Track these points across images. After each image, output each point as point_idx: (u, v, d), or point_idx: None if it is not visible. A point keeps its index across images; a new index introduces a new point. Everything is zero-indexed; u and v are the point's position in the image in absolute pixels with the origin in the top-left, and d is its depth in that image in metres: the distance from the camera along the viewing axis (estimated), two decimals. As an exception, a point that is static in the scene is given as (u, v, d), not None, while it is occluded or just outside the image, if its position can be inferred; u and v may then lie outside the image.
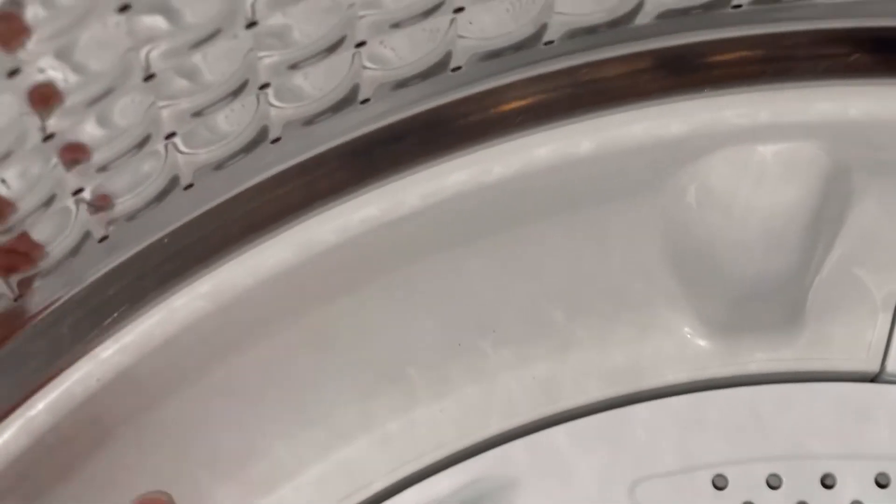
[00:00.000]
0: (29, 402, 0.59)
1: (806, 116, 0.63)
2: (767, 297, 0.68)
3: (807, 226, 0.65)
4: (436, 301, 0.66)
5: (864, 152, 0.64)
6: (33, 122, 0.48)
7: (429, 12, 0.56)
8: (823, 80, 0.62)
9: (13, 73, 0.44)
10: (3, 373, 0.59)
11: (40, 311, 0.59)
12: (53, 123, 0.48)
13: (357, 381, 0.67)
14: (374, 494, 0.68)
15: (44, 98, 0.47)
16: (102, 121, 0.51)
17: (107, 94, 0.49)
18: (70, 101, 0.48)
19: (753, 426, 0.68)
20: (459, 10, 0.56)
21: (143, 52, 0.48)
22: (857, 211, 0.67)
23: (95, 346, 0.59)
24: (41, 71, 0.46)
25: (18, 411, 0.59)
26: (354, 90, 0.58)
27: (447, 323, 0.67)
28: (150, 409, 0.63)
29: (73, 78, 0.48)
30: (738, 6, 0.60)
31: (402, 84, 0.59)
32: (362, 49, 0.56)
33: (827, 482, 0.68)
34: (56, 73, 0.47)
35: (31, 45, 0.45)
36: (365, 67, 0.57)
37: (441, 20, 0.56)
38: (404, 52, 0.58)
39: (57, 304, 0.59)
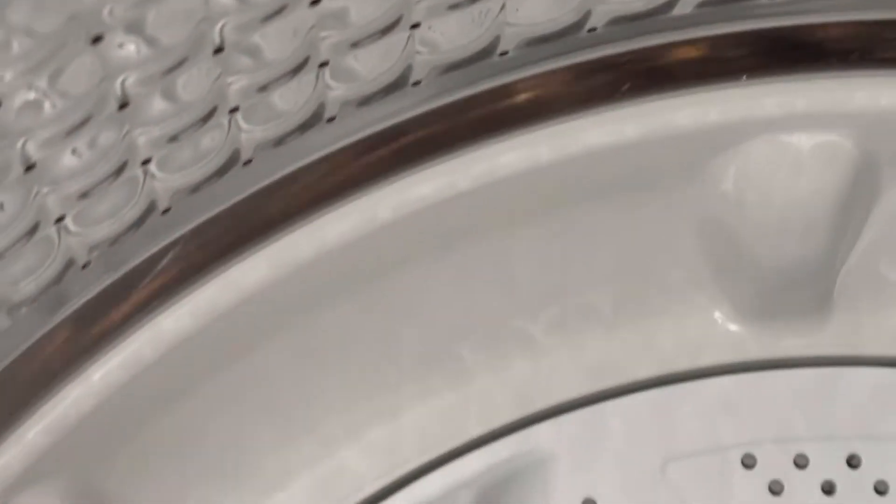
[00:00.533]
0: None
1: (840, 106, 0.65)
2: (799, 283, 0.70)
3: (837, 214, 0.67)
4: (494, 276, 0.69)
5: (888, 143, 0.67)
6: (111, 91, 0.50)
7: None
8: (857, 70, 0.65)
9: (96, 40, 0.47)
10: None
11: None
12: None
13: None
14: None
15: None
16: (169, 95, 0.54)
17: (178, 65, 0.51)
18: (144, 71, 0.51)
19: (783, 408, 0.70)
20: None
21: (216, 26, 0.50)
22: (886, 200, 0.69)
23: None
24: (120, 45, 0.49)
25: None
26: (406, 73, 0.61)
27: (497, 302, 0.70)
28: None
29: (145, 50, 0.50)
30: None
31: (451, 67, 0.61)
32: (415, 31, 0.58)
33: (853, 462, 0.70)
34: (131, 45, 0.50)
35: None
36: (417, 52, 0.60)
37: (489, 4, 0.59)
38: (453, 35, 0.60)
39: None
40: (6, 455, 0.61)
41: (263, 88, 0.55)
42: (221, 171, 0.60)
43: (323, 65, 0.58)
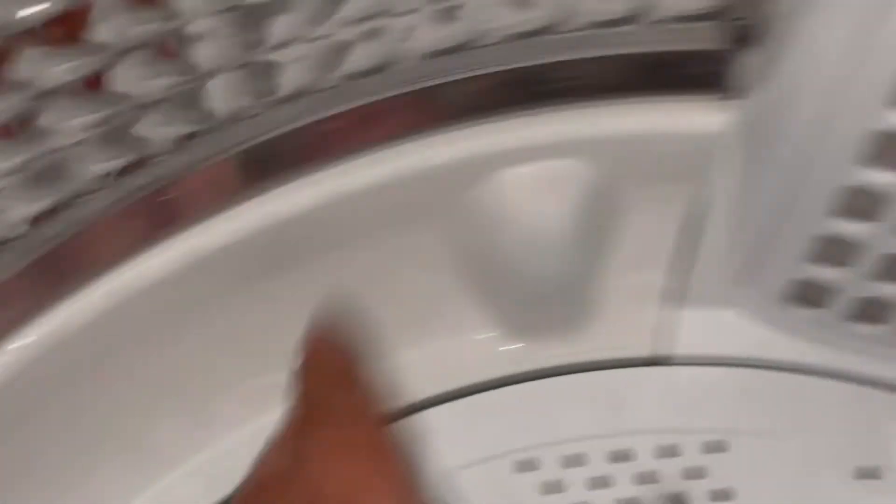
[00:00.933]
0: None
1: (580, 134, 0.72)
2: (555, 298, 0.77)
3: (584, 232, 0.74)
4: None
5: (625, 165, 0.73)
6: None
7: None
8: (594, 101, 0.71)
9: None
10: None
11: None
12: None
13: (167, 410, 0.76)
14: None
15: None
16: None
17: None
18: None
19: (550, 414, 0.77)
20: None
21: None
22: (628, 216, 0.76)
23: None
24: None
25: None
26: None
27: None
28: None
29: None
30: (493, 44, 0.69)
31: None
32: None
33: (620, 457, 0.77)
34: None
35: None
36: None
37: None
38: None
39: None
40: None
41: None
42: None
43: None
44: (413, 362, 0.76)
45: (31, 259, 0.67)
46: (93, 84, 0.63)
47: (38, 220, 0.66)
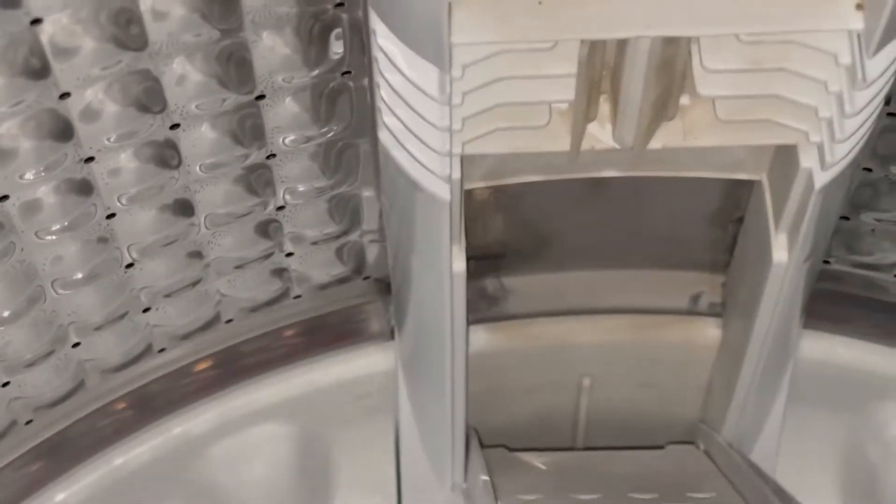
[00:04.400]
0: None
1: (281, 396, 0.86)
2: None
3: (298, 484, 0.88)
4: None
5: (323, 416, 0.87)
6: None
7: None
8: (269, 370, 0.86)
9: None
10: None
11: None
12: None
13: None
14: None
15: None
16: None
17: None
18: None
19: None
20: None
21: None
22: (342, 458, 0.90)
23: None
24: None
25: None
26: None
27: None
28: None
29: None
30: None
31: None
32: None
33: None
34: None
35: None
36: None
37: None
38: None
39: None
40: None
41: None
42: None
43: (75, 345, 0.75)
44: None
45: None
46: None
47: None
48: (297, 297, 0.84)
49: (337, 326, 0.86)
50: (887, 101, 0.69)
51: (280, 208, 0.76)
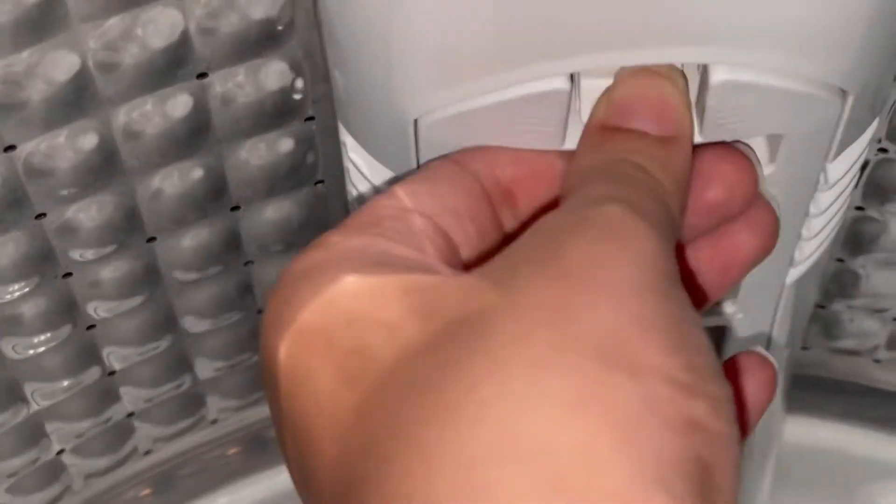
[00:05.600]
0: None
1: None
2: None
3: None
4: None
5: None
6: None
7: None
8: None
9: None
10: None
11: None
12: None
13: None
14: None
15: None
16: None
17: None
18: None
19: None
20: None
21: None
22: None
23: None
24: None
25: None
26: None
27: None
28: None
29: None
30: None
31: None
32: None
33: None
34: None
35: None
36: None
37: None
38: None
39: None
40: None
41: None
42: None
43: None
44: None
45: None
46: None
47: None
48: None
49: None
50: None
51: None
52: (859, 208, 0.75)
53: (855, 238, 0.77)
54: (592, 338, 0.39)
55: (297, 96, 0.64)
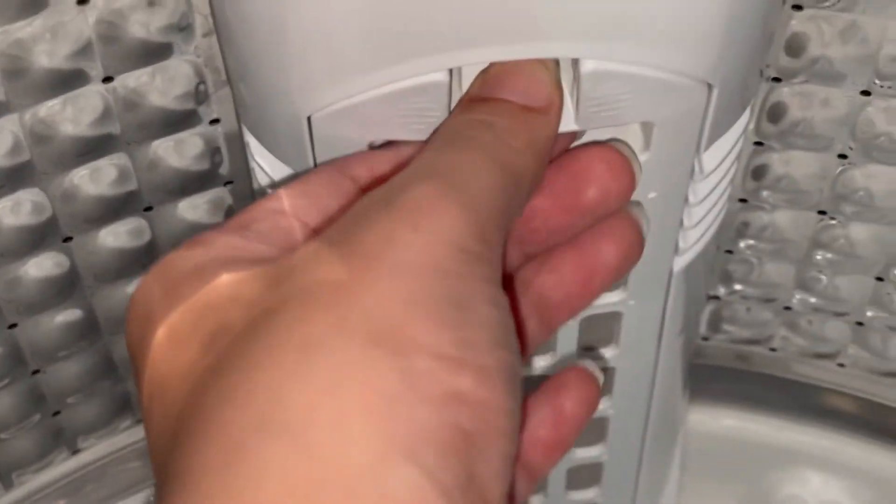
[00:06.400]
0: None
1: None
2: None
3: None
4: None
5: None
6: None
7: None
8: None
9: None
10: None
11: None
12: None
13: None
14: None
15: None
16: None
17: None
18: None
19: None
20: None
21: None
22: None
23: None
24: None
25: None
26: None
27: None
28: None
29: None
30: None
31: None
32: None
33: None
34: None
35: None
36: None
37: None
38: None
39: None
40: None
41: None
42: None
43: None
44: None
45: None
46: None
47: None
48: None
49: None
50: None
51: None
52: (743, 200, 0.79)
53: (744, 229, 0.81)
54: (364, 318, 0.42)
55: (199, 99, 0.68)
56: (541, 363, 0.76)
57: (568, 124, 0.61)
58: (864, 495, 0.91)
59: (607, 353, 0.77)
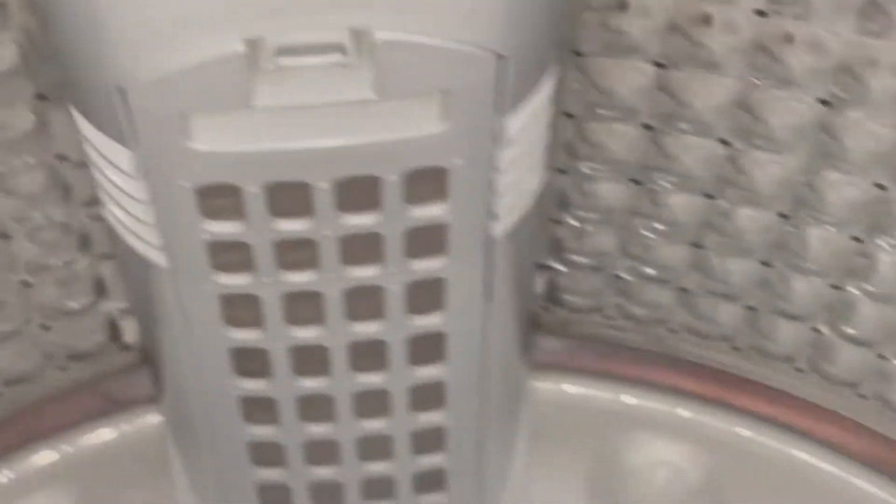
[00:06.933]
0: None
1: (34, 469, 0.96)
2: None
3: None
4: None
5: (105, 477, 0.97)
6: None
7: None
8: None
9: None
10: None
11: None
12: None
13: None
14: None
15: None
16: None
17: None
18: None
19: None
20: None
21: None
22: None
23: None
24: None
25: None
26: None
27: None
28: None
29: None
30: None
31: None
32: None
33: None
34: None
35: None
36: None
37: None
38: None
39: None
40: None
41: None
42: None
43: None
44: None
45: None
46: None
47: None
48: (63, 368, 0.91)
49: (106, 394, 0.93)
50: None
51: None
52: (562, 171, 0.83)
53: (569, 198, 0.85)
54: None
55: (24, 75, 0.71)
56: (371, 328, 0.80)
57: (366, 93, 0.65)
58: (701, 458, 0.95)
59: (436, 318, 0.80)
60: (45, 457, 0.93)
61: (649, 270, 0.88)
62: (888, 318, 0.85)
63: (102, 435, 0.94)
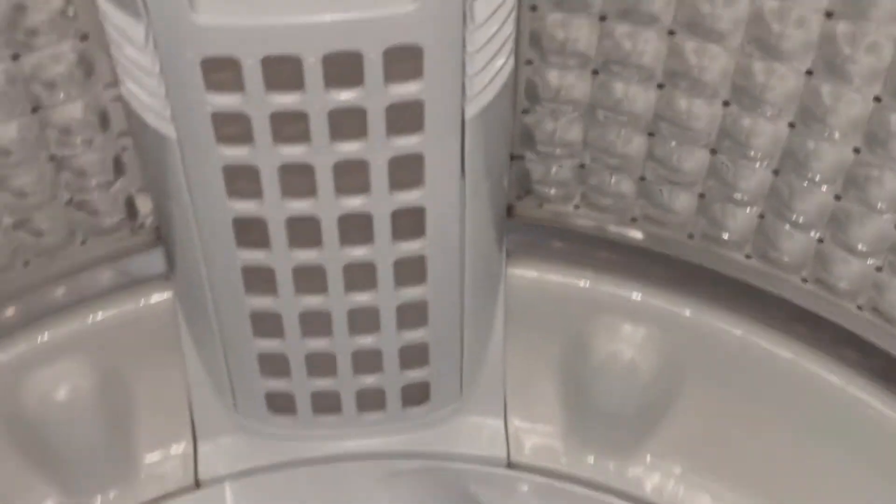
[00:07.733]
0: None
1: (55, 342, 1.06)
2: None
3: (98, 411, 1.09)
4: None
5: (120, 348, 1.08)
6: None
7: None
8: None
9: None
10: None
11: None
12: None
13: None
14: None
15: None
16: None
17: None
18: None
19: None
20: None
21: None
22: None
23: None
24: None
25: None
26: None
27: None
28: None
29: None
30: None
31: None
32: None
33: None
34: None
35: None
36: None
37: None
38: None
39: None
40: None
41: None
42: None
43: None
44: None
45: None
46: None
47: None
48: (83, 242, 1.00)
49: (122, 270, 1.03)
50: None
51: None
52: (529, 62, 0.92)
53: (535, 91, 0.95)
54: None
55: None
56: (358, 202, 0.89)
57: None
58: (670, 339, 1.05)
59: (416, 193, 0.90)
60: (64, 328, 1.03)
61: (612, 160, 0.97)
62: (824, 203, 0.93)
63: (119, 308, 1.03)
